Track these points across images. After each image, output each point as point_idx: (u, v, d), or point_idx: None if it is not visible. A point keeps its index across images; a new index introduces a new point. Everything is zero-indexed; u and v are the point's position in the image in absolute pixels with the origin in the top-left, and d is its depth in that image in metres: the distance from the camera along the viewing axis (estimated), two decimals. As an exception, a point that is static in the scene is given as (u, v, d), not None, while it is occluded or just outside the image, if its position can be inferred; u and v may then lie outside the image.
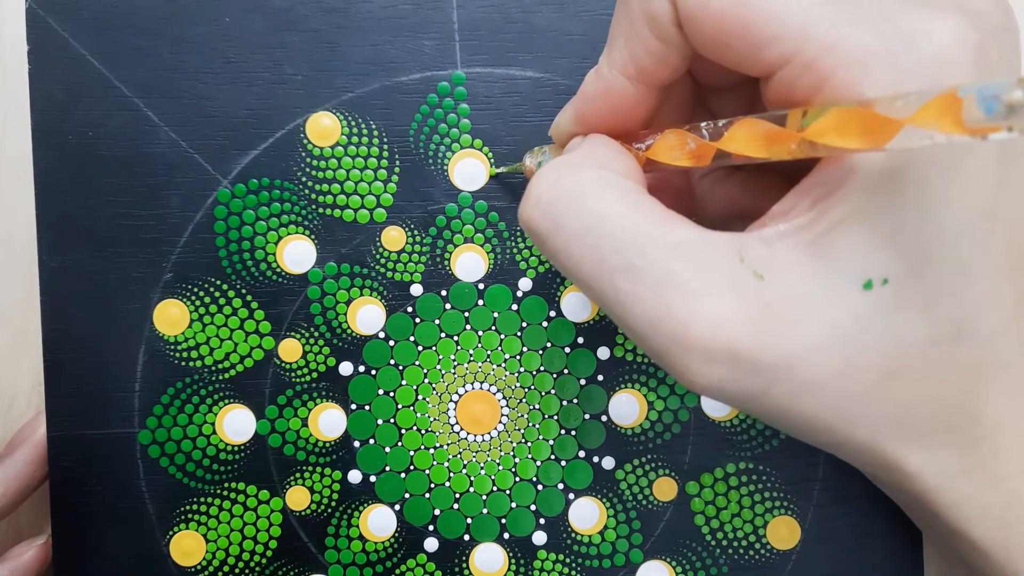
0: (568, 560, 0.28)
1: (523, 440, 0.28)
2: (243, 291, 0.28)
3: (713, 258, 0.17)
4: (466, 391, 0.28)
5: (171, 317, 0.28)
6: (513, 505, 0.28)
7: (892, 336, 0.17)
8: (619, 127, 0.21)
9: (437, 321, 0.28)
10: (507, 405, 0.28)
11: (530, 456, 0.28)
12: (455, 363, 0.28)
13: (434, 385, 0.28)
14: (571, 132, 0.22)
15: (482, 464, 0.28)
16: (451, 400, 0.28)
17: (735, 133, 0.18)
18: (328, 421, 0.28)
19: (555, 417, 0.28)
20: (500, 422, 0.28)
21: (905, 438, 0.18)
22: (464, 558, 0.28)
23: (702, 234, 0.18)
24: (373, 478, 0.28)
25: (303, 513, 0.28)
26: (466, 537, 0.28)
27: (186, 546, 0.28)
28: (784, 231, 0.18)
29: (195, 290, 0.28)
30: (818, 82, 0.17)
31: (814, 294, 0.17)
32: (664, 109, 0.22)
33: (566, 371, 0.28)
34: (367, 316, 0.28)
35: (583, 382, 0.28)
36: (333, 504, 0.28)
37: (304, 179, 0.28)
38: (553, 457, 0.28)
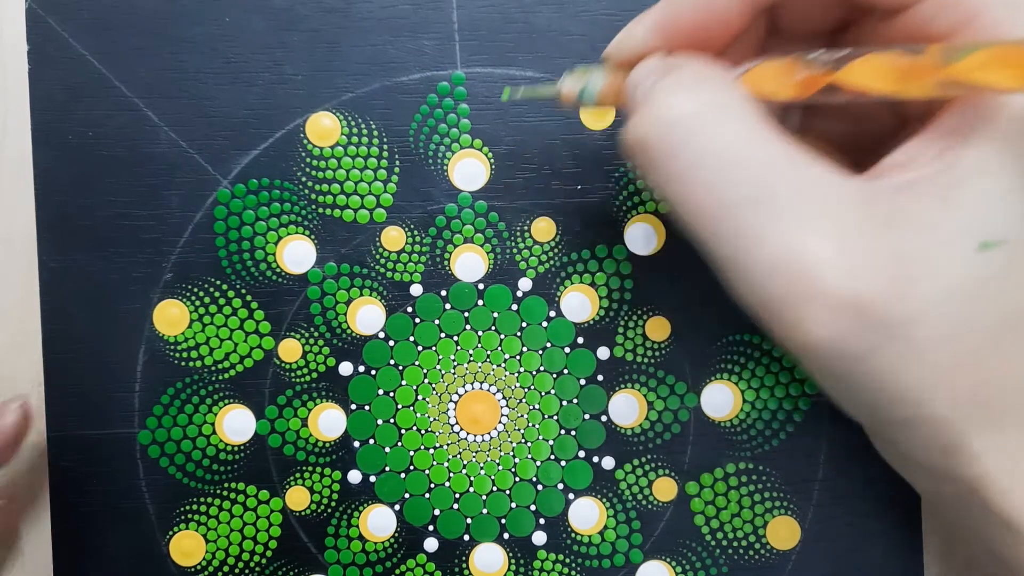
0: (568, 560, 0.28)
1: (523, 440, 0.28)
2: (243, 291, 0.28)
3: (847, 203, 0.16)
4: (466, 391, 0.28)
5: (171, 317, 0.28)
6: (513, 505, 0.28)
7: (1000, 303, 0.17)
8: (706, 44, 0.19)
9: (437, 321, 0.28)
10: (507, 405, 0.28)
11: (530, 456, 0.28)
12: (455, 363, 0.28)
13: (434, 385, 0.28)
14: (647, 46, 0.19)
15: (482, 464, 0.28)
16: (451, 400, 0.28)
17: (860, 66, 0.17)
18: (328, 421, 0.28)
19: (555, 417, 0.28)
20: (500, 422, 0.28)
21: (980, 416, 0.18)
22: (464, 558, 0.28)
23: (835, 176, 0.17)
24: (373, 478, 0.28)
25: (303, 513, 0.28)
26: (466, 537, 0.28)
27: (186, 546, 0.28)
28: (911, 179, 0.17)
29: (195, 290, 0.28)
30: (963, 19, 0.16)
31: (941, 250, 0.16)
32: (734, 50, 0.20)
33: (566, 371, 0.28)
34: (367, 316, 0.28)
35: (583, 382, 0.28)
36: (333, 504, 0.28)
37: (304, 179, 0.28)
38: (553, 457, 0.28)
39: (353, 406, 0.28)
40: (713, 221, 0.17)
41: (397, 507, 0.28)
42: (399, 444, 0.28)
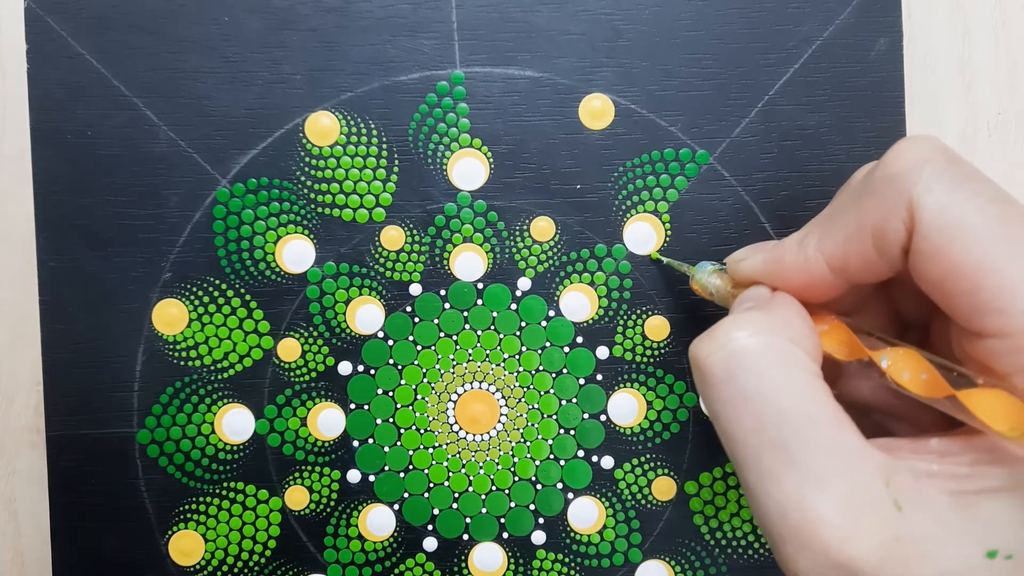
0: (567, 560, 0.28)
1: (522, 440, 0.28)
2: (242, 291, 0.28)
3: (865, 474, 0.18)
4: (465, 391, 0.28)
5: (170, 317, 0.28)
6: (512, 505, 0.28)
7: None
8: (799, 297, 0.21)
9: (436, 320, 0.28)
10: (506, 405, 0.28)
11: (529, 456, 0.28)
12: (454, 362, 0.28)
13: (433, 384, 0.28)
14: (753, 280, 0.22)
15: (481, 464, 0.28)
16: (450, 399, 0.28)
17: (898, 361, 0.19)
18: (327, 420, 0.28)
19: (554, 417, 0.28)
20: (499, 422, 0.28)
21: None
22: (463, 558, 0.28)
23: (863, 447, 0.18)
24: (372, 478, 0.28)
25: (302, 513, 0.28)
26: (465, 537, 0.28)
27: (185, 546, 0.28)
28: (936, 472, 0.18)
29: (194, 290, 0.28)
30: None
31: (942, 544, 0.17)
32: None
33: (565, 371, 0.28)
34: (366, 315, 0.28)
35: (582, 382, 0.28)
36: (332, 504, 0.28)
37: (303, 178, 0.28)
38: (552, 457, 0.28)
39: (352, 405, 0.28)
40: (744, 449, 0.19)
41: (396, 506, 0.28)
42: (398, 444, 0.28)
